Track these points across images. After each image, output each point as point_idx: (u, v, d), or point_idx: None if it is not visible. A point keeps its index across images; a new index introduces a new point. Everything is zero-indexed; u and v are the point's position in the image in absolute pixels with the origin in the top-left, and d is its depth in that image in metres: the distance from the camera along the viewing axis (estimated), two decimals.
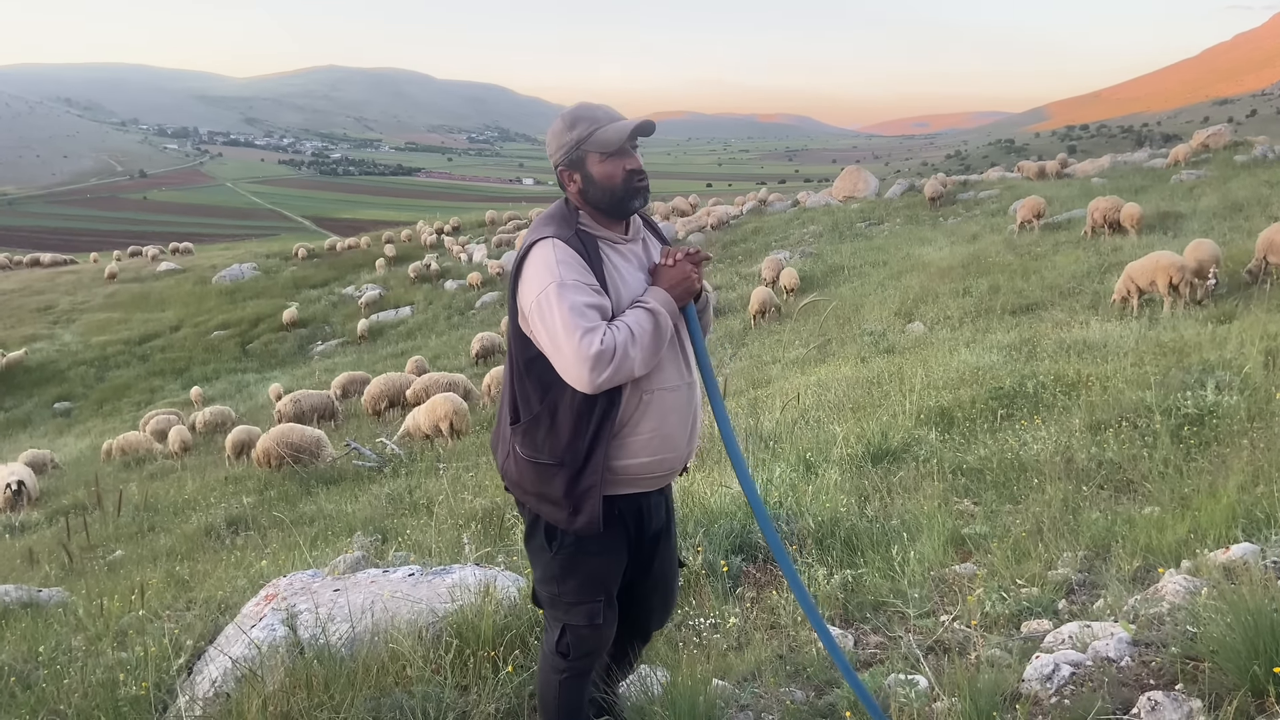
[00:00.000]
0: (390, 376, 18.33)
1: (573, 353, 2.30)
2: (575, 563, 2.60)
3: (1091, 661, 2.90)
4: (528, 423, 2.53)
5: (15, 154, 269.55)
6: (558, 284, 2.34)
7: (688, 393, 2.58)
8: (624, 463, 2.51)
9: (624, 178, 2.48)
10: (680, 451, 2.60)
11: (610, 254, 2.51)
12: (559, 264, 2.38)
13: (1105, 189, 26.53)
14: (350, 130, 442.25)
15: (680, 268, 2.52)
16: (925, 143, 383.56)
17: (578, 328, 2.30)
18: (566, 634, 2.69)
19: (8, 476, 13.27)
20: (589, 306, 2.34)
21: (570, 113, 2.53)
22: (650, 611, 2.92)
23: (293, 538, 7.02)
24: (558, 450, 2.48)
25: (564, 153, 2.50)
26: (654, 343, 2.40)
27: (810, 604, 2.78)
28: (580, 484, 2.47)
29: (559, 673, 2.74)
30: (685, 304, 2.55)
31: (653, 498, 2.71)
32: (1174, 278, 11.62)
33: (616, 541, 2.63)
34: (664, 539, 2.81)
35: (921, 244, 23.06)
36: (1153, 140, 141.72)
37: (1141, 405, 6.27)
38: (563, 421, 2.46)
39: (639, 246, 2.61)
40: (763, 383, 11.56)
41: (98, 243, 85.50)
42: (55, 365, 32.43)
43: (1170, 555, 3.80)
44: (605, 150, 2.46)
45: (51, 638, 4.88)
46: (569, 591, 2.64)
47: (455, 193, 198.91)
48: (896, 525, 4.75)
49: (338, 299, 38.13)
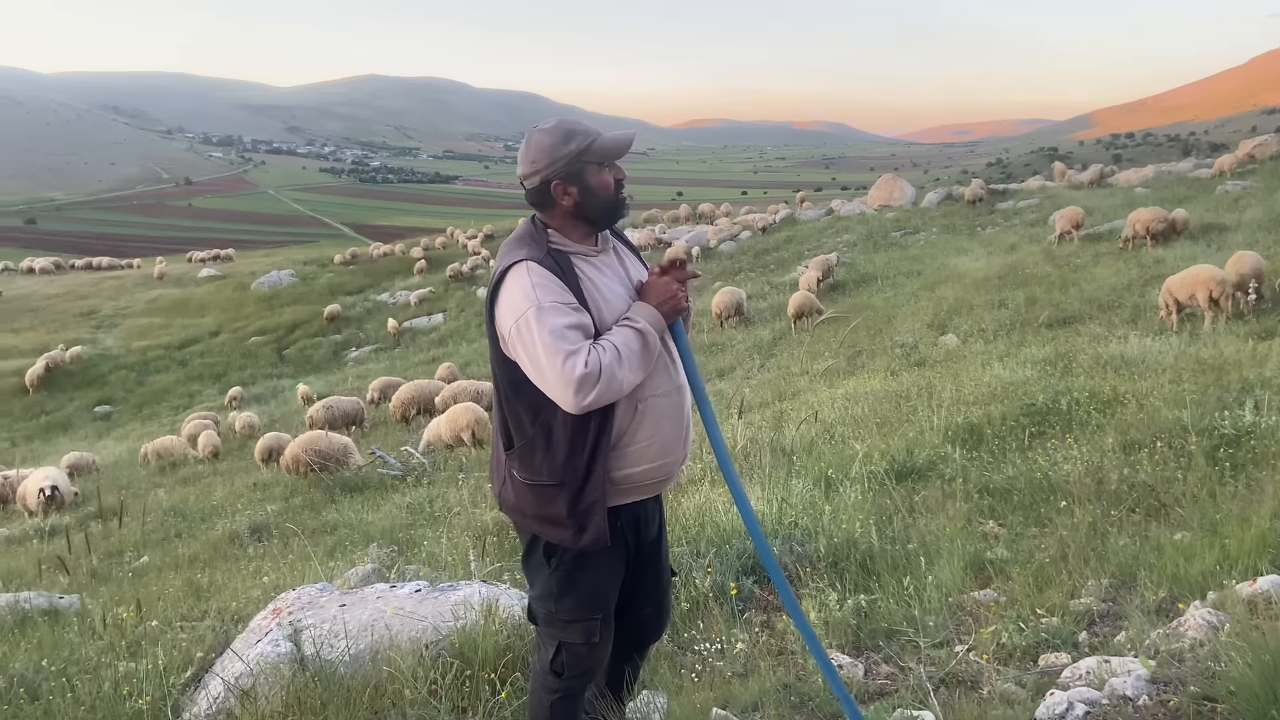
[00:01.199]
0: (420, 383, 18.41)
1: (556, 376, 2.30)
2: (574, 579, 2.59)
3: (1108, 700, 2.77)
4: (522, 446, 2.51)
5: (64, 160, 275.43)
6: (536, 308, 2.34)
7: (679, 397, 2.59)
8: (625, 472, 2.51)
9: (615, 187, 2.52)
10: (677, 455, 2.61)
11: (585, 268, 2.51)
12: (535, 287, 2.37)
13: (1149, 199, 26.07)
14: (390, 138, 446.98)
15: (667, 284, 2.51)
16: (966, 150, 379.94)
17: (559, 351, 2.29)
18: (562, 652, 2.66)
19: (41, 481, 13.45)
20: (569, 327, 2.34)
21: (559, 127, 2.51)
22: (645, 622, 2.87)
23: (311, 548, 7.01)
24: (556, 470, 2.46)
25: (562, 164, 2.47)
26: (642, 362, 2.40)
27: (810, 632, 2.69)
28: (583, 501, 2.47)
29: (551, 692, 2.70)
30: (673, 321, 2.54)
31: (649, 505, 2.70)
32: (1214, 291, 11.32)
33: (615, 555, 2.61)
34: (656, 546, 2.79)
35: (958, 254, 22.76)
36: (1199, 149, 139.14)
37: (1177, 425, 6.07)
38: (558, 441, 2.45)
39: (611, 257, 2.62)
40: (789, 395, 11.42)
41: (144, 248, 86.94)
42: (97, 369, 32.99)
43: (1197, 586, 3.64)
44: (607, 159, 2.49)
45: (65, 647, 4.88)
46: (566, 609, 2.62)
47: (491, 200, 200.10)
48: (915, 548, 4.61)
49: (373, 305, 38.48)
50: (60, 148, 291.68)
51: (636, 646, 2.95)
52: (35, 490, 13.18)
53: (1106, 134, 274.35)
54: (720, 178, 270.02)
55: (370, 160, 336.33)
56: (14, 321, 41.79)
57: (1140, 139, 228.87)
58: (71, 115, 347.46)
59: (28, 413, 29.49)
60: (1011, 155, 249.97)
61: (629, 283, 2.59)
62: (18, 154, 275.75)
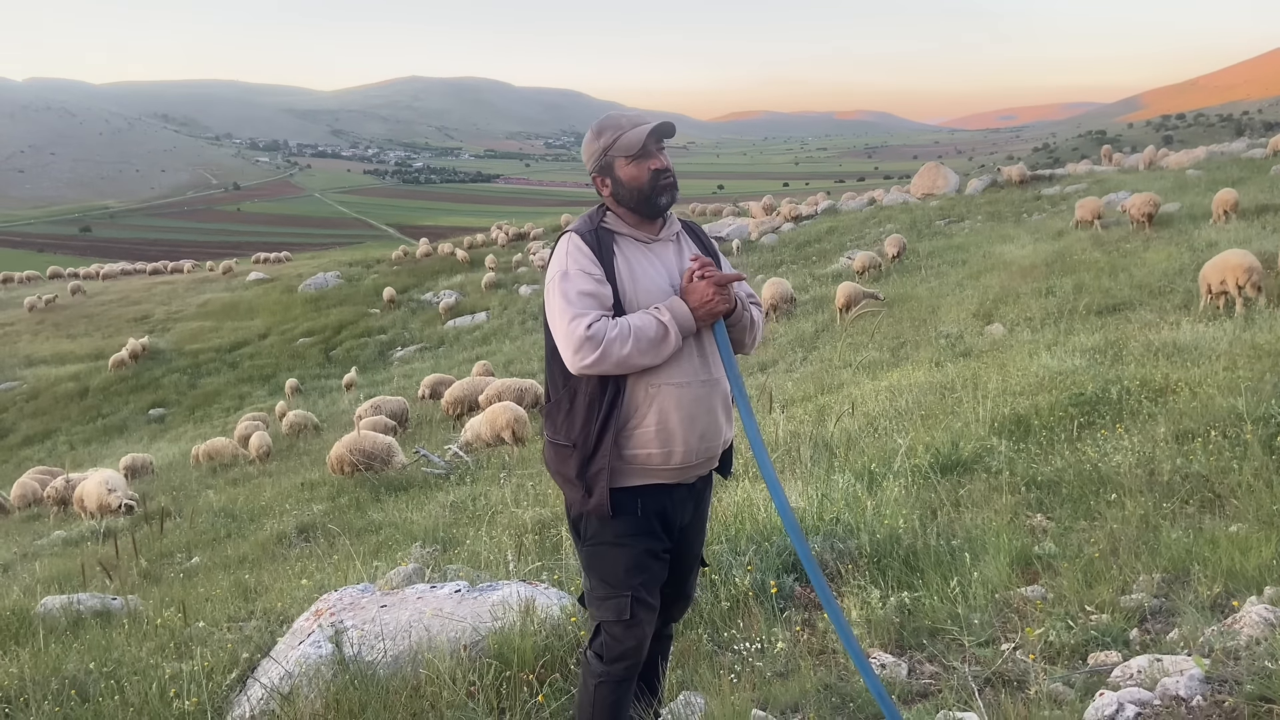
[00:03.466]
0: (472, 380, 18.60)
1: (563, 334, 2.52)
2: (598, 554, 2.71)
3: (1160, 701, 2.68)
4: (552, 405, 2.73)
5: (116, 169, 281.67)
6: (562, 273, 2.60)
7: (700, 390, 2.64)
8: (632, 451, 2.62)
9: (649, 177, 2.65)
10: (688, 447, 2.64)
11: (628, 250, 2.68)
12: (567, 255, 2.63)
13: (1200, 181, 25.42)
14: (432, 139, 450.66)
15: (705, 288, 2.60)
16: (1011, 136, 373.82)
17: (568, 312, 2.52)
18: (601, 632, 2.74)
19: (102, 484, 13.70)
20: (583, 294, 2.55)
21: (597, 123, 2.75)
22: (665, 602, 2.88)
23: (355, 548, 7.07)
24: (573, 433, 2.64)
25: (594, 160, 2.72)
26: (651, 348, 2.51)
27: (847, 630, 2.65)
28: (591, 467, 2.62)
29: (595, 677, 2.76)
30: (708, 324, 2.63)
31: (676, 494, 2.73)
32: (1239, 278, 11.09)
33: (638, 537, 2.66)
34: (686, 532, 2.83)
35: (1003, 241, 22.37)
36: (1252, 129, 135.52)
37: (1232, 413, 5.89)
38: (579, 406, 2.63)
39: (671, 247, 2.76)
40: (833, 388, 11.30)
41: (195, 253, 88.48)
42: (150, 373, 33.67)
43: (1253, 581, 3.52)
44: (629, 153, 2.65)
45: (115, 649, 4.97)
46: (597, 585, 2.73)
47: (533, 198, 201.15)
48: (959, 544, 4.52)
49: (417, 305, 38.79)
50: (112, 156, 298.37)
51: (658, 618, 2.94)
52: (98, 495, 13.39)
53: (1156, 115, 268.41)
54: (761, 170, 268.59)
55: (413, 161, 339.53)
56: (70, 328, 42.82)
57: (1191, 120, 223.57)
58: (123, 124, 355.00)
59: (85, 416, 30.20)
60: (1058, 140, 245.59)
61: (676, 275, 2.70)
62: (71, 163, 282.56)
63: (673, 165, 2.73)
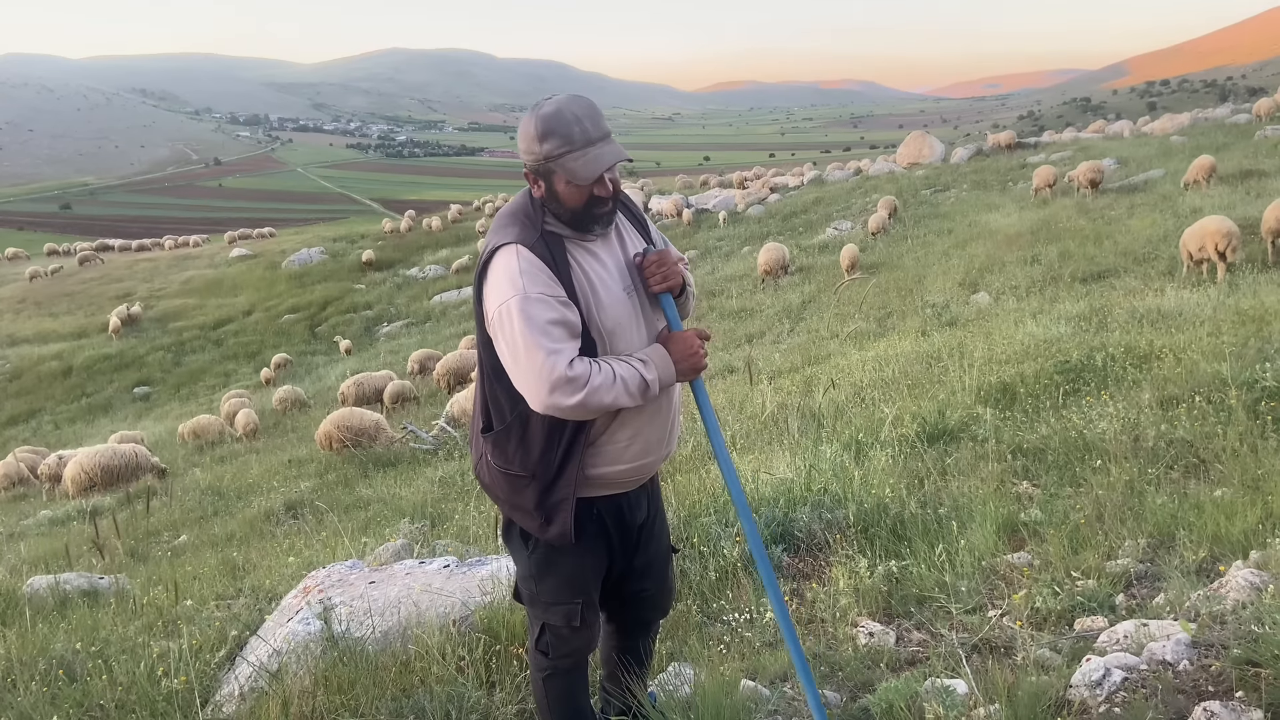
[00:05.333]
0: (462, 353, 18.65)
1: (534, 371, 2.20)
2: (551, 562, 2.55)
3: (1146, 666, 2.70)
4: (498, 433, 2.45)
5: (95, 145, 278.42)
6: (520, 297, 2.23)
7: (666, 396, 2.49)
8: (600, 471, 2.45)
9: (587, 202, 2.33)
10: (659, 454, 2.55)
11: (579, 255, 2.38)
12: (521, 274, 2.26)
13: (1185, 148, 25.44)
14: (415, 112, 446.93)
15: (692, 343, 2.43)
16: (997, 104, 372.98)
17: (540, 347, 2.20)
18: (546, 633, 2.65)
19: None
20: (552, 323, 2.23)
21: (543, 120, 2.31)
22: (646, 600, 2.82)
23: (343, 524, 7.05)
24: (529, 463, 2.41)
25: (532, 159, 2.34)
26: (630, 401, 2.31)
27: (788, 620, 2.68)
28: (553, 496, 2.42)
29: (540, 670, 2.71)
30: (688, 379, 2.47)
31: (632, 496, 2.62)
32: (1219, 244, 11.14)
33: (594, 544, 2.56)
34: (648, 529, 2.71)
35: (989, 210, 22.38)
36: (1237, 94, 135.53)
37: (1217, 378, 5.92)
38: (534, 434, 2.38)
39: (610, 239, 2.48)
40: (820, 359, 11.31)
41: (177, 229, 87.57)
42: (134, 351, 33.44)
43: (1239, 545, 3.54)
44: (572, 178, 2.29)
45: (102, 628, 4.95)
46: (546, 591, 2.59)
47: (518, 170, 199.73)
48: (946, 512, 4.53)
49: (402, 280, 38.59)
50: (91, 132, 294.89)
51: (642, 625, 2.90)
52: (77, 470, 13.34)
53: (1141, 81, 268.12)
54: (747, 141, 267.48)
55: (396, 135, 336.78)
56: (52, 306, 42.45)
57: (1176, 85, 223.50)
58: (101, 100, 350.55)
59: (69, 395, 30.00)
60: (1044, 108, 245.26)
61: (625, 268, 2.46)
62: (50, 140, 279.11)
63: (619, 180, 2.41)
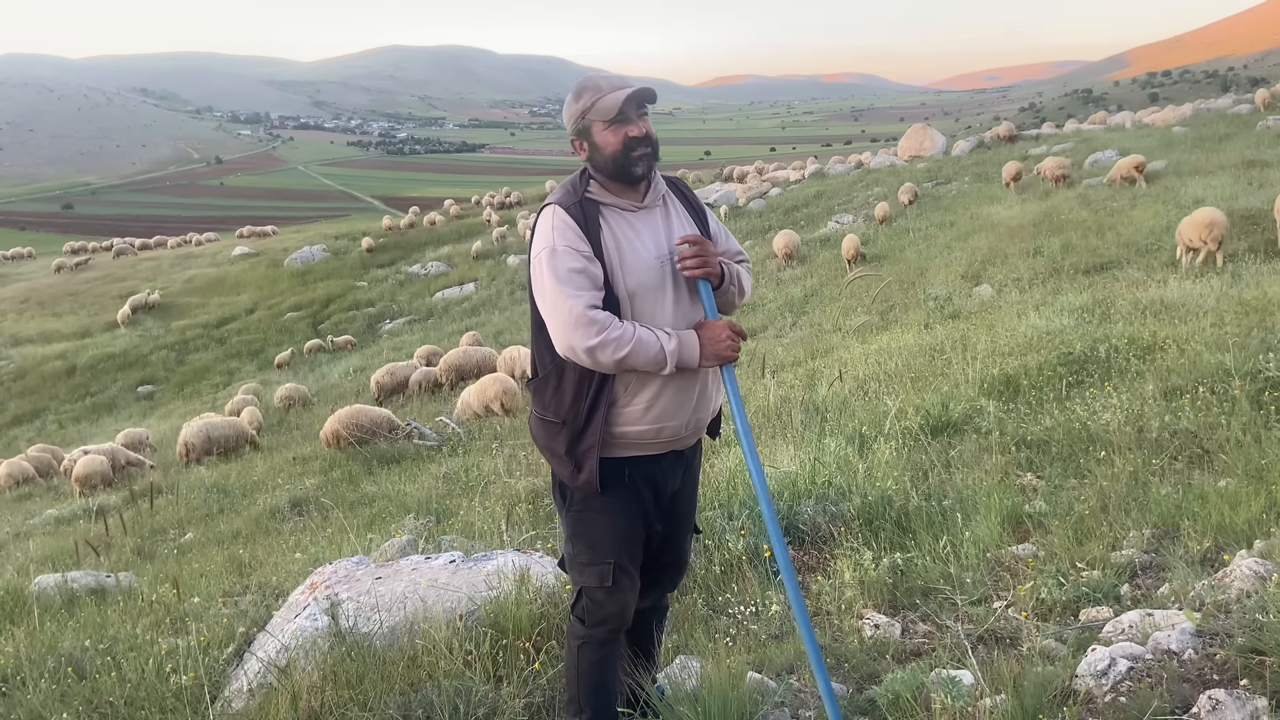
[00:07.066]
0: (465, 350, 18.66)
1: (559, 312, 2.44)
2: (584, 521, 2.70)
3: (1151, 655, 2.71)
4: (540, 381, 2.67)
5: (96, 144, 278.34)
6: (550, 249, 2.50)
7: (694, 375, 2.61)
8: (621, 429, 2.59)
9: (624, 144, 2.54)
10: (681, 420, 2.62)
11: (614, 221, 2.58)
12: (554, 230, 2.53)
13: (1186, 139, 25.39)
14: (415, 109, 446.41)
15: (723, 334, 2.55)
16: (998, 96, 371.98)
17: (563, 292, 2.44)
18: (582, 597, 2.74)
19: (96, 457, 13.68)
20: (574, 271, 2.47)
21: (578, 84, 2.64)
22: (661, 570, 2.90)
23: (349, 521, 7.07)
24: (562, 410, 2.60)
25: (573, 123, 2.63)
26: (643, 365, 2.47)
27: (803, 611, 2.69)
28: (581, 444, 2.58)
29: (576, 638, 2.78)
30: (712, 365, 2.58)
31: (665, 461, 2.71)
32: (1202, 235, 11.23)
33: (626, 505, 2.65)
34: (677, 500, 2.82)
35: (991, 202, 22.34)
36: (1239, 85, 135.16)
37: (1220, 369, 5.92)
38: (568, 383, 2.57)
39: (658, 213, 2.67)
40: (822, 352, 11.31)
41: (179, 228, 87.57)
42: (138, 350, 33.49)
43: (1243, 535, 3.55)
44: (606, 118, 2.55)
45: (110, 626, 4.97)
46: (581, 551, 2.72)
47: (519, 166, 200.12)
48: (951, 504, 4.54)
49: (404, 277, 38.60)
50: (92, 131, 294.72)
51: (653, 589, 2.95)
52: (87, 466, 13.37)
53: (1143, 73, 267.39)
54: (747, 135, 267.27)
55: (397, 132, 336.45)
56: (55, 306, 42.50)
57: (1177, 76, 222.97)
58: (102, 99, 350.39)
59: (73, 394, 30.05)
60: (1045, 99, 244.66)
61: (664, 242, 2.62)
62: (51, 140, 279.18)
63: (654, 132, 2.61)
